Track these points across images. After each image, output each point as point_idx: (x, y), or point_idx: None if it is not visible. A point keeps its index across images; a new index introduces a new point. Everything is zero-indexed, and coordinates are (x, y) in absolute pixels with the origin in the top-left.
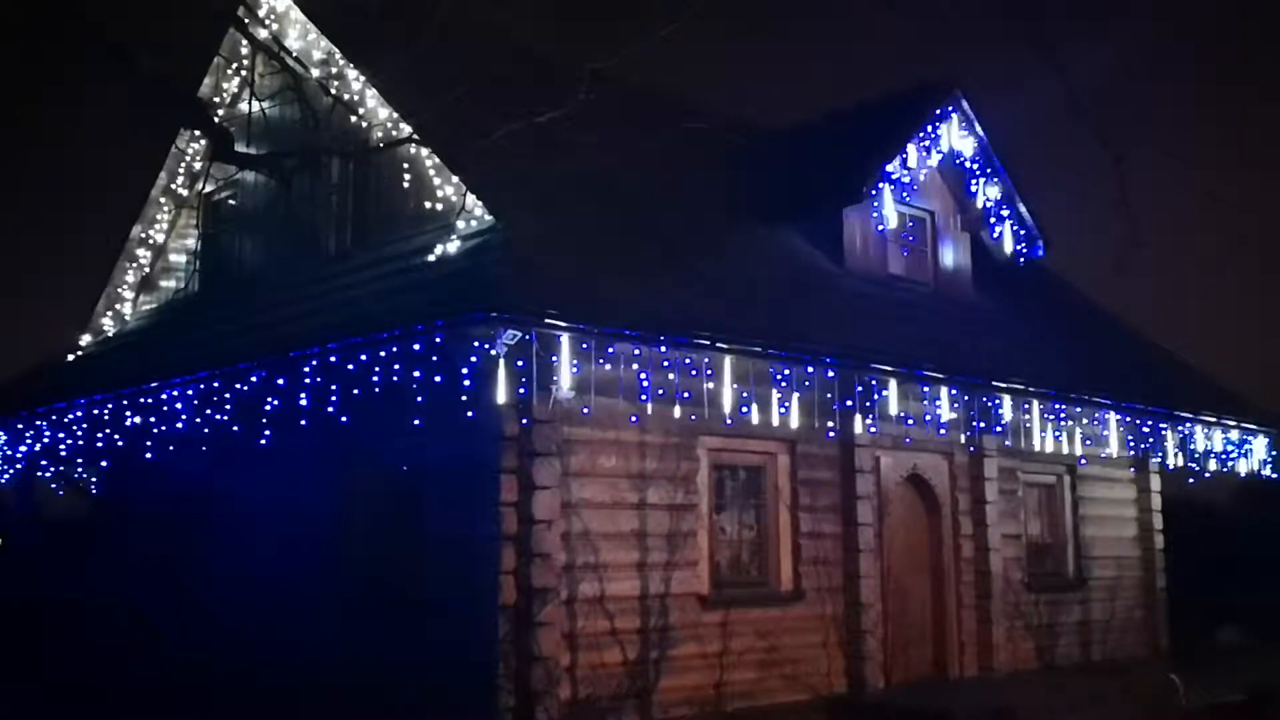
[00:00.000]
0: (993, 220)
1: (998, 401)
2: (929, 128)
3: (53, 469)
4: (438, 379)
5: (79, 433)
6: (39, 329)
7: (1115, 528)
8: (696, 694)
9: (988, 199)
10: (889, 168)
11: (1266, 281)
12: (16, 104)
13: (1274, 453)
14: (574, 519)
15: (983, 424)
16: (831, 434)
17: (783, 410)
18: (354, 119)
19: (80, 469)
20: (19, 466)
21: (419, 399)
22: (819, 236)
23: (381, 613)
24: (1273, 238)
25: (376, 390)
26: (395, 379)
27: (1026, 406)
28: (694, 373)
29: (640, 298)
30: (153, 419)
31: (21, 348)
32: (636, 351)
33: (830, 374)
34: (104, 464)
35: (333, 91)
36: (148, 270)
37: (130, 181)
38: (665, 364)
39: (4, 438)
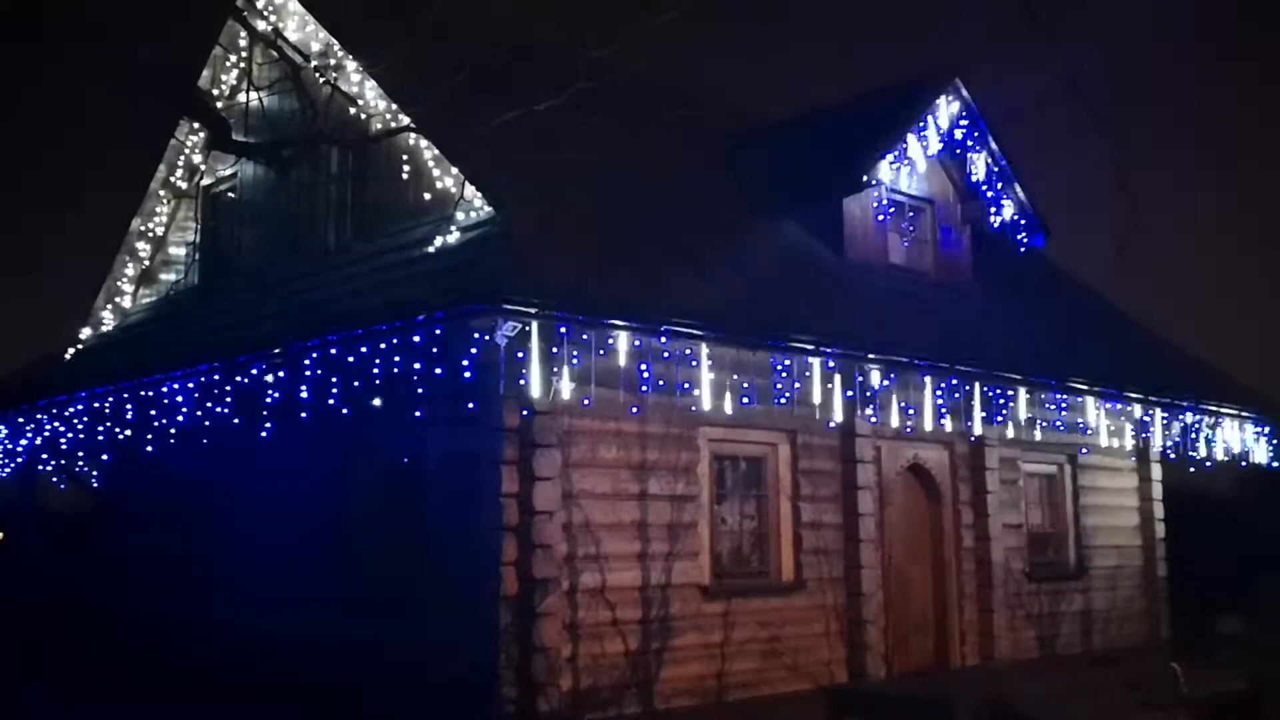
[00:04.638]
0: (993, 209)
1: (998, 391)
2: (929, 117)
3: (53, 463)
4: (438, 371)
5: (79, 426)
6: (39, 323)
7: (1116, 517)
8: (698, 684)
9: (988, 188)
10: (889, 157)
11: (1267, 269)
12: (16, 98)
13: (1275, 442)
14: (575, 510)
15: (983, 413)
16: (832, 424)
17: (783, 400)
18: (353, 110)
19: (81, 462)
20: (20, 460)
21: (419, 391)
22: (819, 226)
23: (383, 604)
24: (1273, 223)
25: (377, 382)
26: (395, 371)
27: (1027, 396)
28: (694, 363)
29: (640, 288)
30: (153, 412)
31: (22, 342)
32: (637, 342)
33: (830, 364)
34: (104, 457)
35: (331, 81)
36: (147, 263)
37: (130, 175)
38: (665, 355)
39: (5, 431)
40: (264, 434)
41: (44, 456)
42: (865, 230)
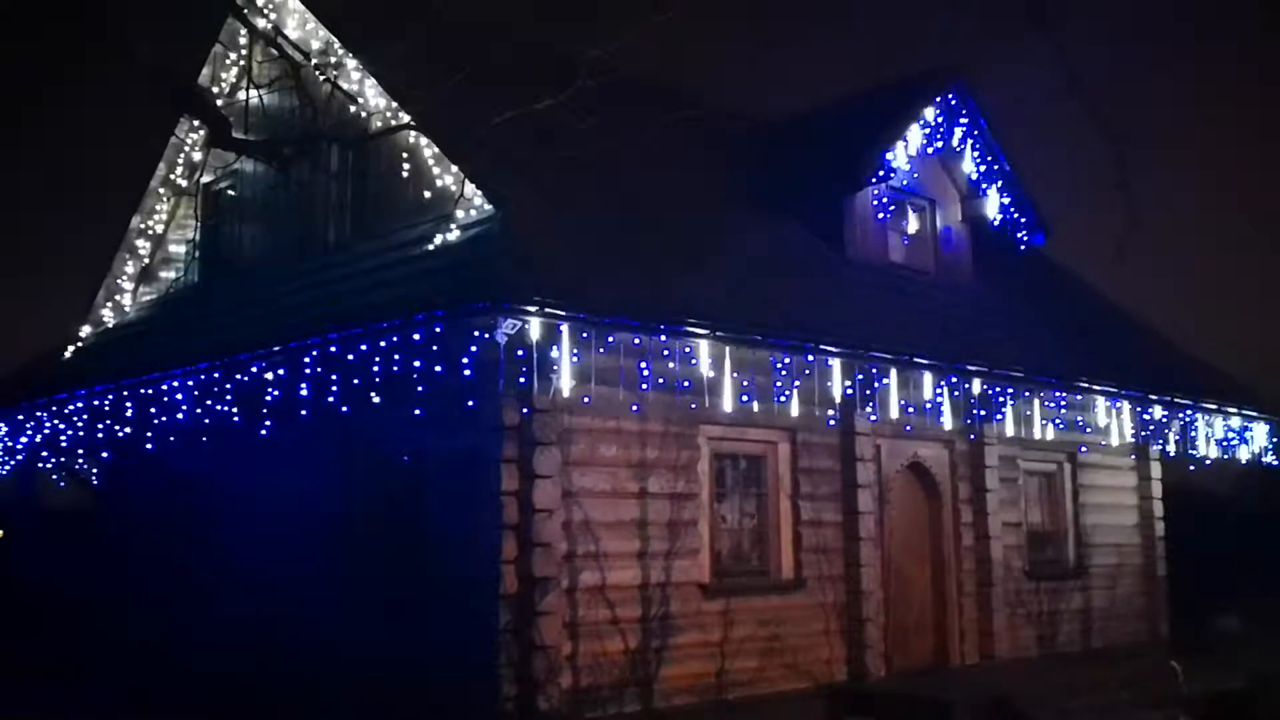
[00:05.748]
0: (993, 208)
1: (998, 389)
2: (929, 116)
3: (53, 460)
4: (438, 369)
5: (79, 424)
6: (39, 320)
7: (1116, 515)
8: (698, 682)
9: (988, 187)
10: (889, 156)
11: (1266, 267)
12: (17, 97)
13: (1274, 440)
14: (575, 508)
15: (983, 412)
16: (832, 422)
17: (783, 399)
18: (353, 108)
19: (81, 460)
20: (20, 458)
21: (419, 389)
22: (819, 225)
23: (383, 603)
24: (1272, 222)
25: (377, 380)
26: (395, 369)
27: (1027, 394)
28: (694, 361)
29: (640, 286)
30: (153, 410)
31: (22, 339)
32: (637, 340)
33: (830, 362)
34: (104, 455)
35: (331, 79)
36: (147, 261)
37: (129, 172)
38: (665, 353)
39: (5, 429)
40: (264, 432)
41: (44, 454)
42: (865, 229)
